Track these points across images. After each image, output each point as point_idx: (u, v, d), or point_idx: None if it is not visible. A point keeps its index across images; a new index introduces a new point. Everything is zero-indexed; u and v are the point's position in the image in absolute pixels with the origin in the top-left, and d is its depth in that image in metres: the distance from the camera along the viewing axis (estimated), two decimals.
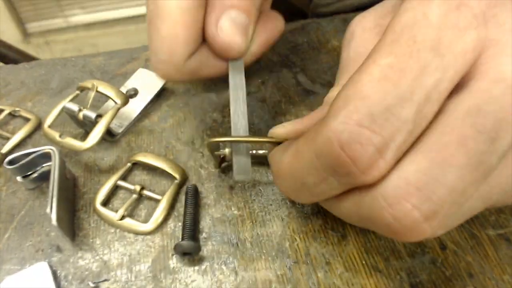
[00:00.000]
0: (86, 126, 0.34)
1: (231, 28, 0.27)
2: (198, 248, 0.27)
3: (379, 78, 0.18)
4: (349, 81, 0.19)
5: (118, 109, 0.33)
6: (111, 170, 0.33)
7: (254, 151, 0.32)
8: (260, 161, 0.33)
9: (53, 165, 0.30)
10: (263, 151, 0.32)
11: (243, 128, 0.27)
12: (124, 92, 0.35)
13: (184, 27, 0.26)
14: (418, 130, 0.18)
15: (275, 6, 0.32)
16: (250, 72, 0.40)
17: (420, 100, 0.18)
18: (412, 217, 0.18)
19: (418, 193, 0.18)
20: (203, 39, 0.28)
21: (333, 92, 0.27)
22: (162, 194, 0.31)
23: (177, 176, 0.32)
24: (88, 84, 0.34)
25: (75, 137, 0.33)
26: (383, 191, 0.19)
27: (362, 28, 0.27)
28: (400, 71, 0.18)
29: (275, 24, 0.31)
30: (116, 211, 0.30)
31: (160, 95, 0.38)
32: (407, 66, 0.18)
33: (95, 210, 0.31)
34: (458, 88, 0.19)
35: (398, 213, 0.18)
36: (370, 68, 0.19)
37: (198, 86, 0.39)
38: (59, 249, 0.29)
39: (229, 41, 0.27)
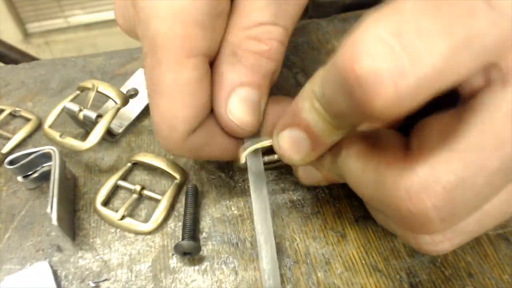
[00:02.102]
0: (86, 126, 0.34)
1: (241, 109, 0.25)
2: (198, 248, 0.28)
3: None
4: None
5: (118, 109, 0.33)
6: (111, 170, 0.33)
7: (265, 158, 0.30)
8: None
9: (54, 165, 0.30)
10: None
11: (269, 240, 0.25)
12: (124, 92, 0.35)
13: (182, 106, 0.23)
14: (445, 78, 0.16)
15: None
16: None
17: (460, 40, 0.16)
18: (429, 218, 0.18)
19: (444, 194, 0.17)
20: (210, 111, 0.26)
21: None
22: (162, 194, 0.31)
23: (177, 176, 0.32)
24: (88, 84, 0.34)
25: (75, 137, 0.33)
26: (408, 183, 0.18)
27: None
28: (447, 2, 0.16)
29: (286, 105, 0.28)
30: (117, 211, 0.30)
31: None
32: (456, 1, 0.16)
33: (96, 210, 0.31)
34: (502, 79, 0.17)
35: (415, 208, 0.18)
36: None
37: None
38: (59, 249, 0.29)
39: (240, 122, 0.25)
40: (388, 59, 0.15)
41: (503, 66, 0.17)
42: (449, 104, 0.20)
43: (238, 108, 0.25)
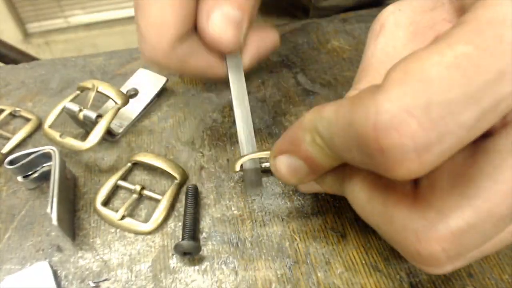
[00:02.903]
0: (86, 126, 0.34)
1: (222, 23, 0.26)
2: (198, 248, 0.28)
3: (451, 64, 0.15)
4: (413, 54, 0.16)
5: (118, 109, 0.33)
6: (111, 170, 0.33)
7: (261, 164, 0.31)
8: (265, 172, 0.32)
9: (54, 165, 0.30)
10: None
11: (251, 142, 0.27)
12: (124, 92, 0.35)
13: (173, 10, 0.25)
14: (467, 141, 0.16)
15: (278, 1, 0.32)
16: (250, 72, 0.40)
17: (486, 107, 0.15)
18: (437, 259, 0.18)
19: (453, 239, 0.17)
20: (195, 27, 0.27)
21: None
22: (162, 194, 0.31)
23: (177, 176, 0.32)
24: (88, 84, 0.34)
25: (75, 137, 0.33)
26: (417, 226, 0.18)
27: (395, 23, 0.24)
28: (476, 66, 0.15)
29: (268, 35, 0.30)
30: (117, 211, 0.30)
31: (160, 95, 0.38)
32: (486, 64, 0.15)
33: (96, 210, 0.31)
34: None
35: (424, 251, 0.18)
36: (443, 50, 0.15)
37: (198, 86, 0.39)
38: (59, 249, 0.29)
39: (220, 35, 0.26)
40: (416, 136, 0.15)
41: None
42: None
43: (220, 21, 0.26)
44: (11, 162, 0.31)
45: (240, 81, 0.28)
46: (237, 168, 0.28)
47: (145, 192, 0.31)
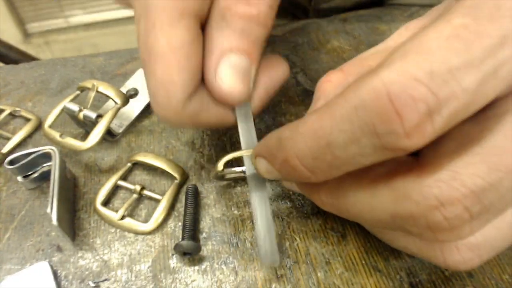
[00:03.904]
0: (86, 126, 0.34)
1: (231, 76, 0.24)
2: (198, 248, 0.28)
3: (449, 35, 0.16)
4: (410, 38, 0.17)
5: (118, 109, 0.33)
6: (111, 170, 0.33)
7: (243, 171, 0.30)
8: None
9: (54, 165, 0.30)
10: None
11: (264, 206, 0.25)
12: (124, 92, 0.35)
13: (178, 69, 0.23)
14: (472, 107, 0.17)
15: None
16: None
17: (488, 71, 0.16)
18: (461, 220, 0.18)
19: (473, 197, 0.17)
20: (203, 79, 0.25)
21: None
22: (162, 194, 0.31)
23: (177, 176, 0.32)
24: (88, 84, 0.34)
25: (75, 137, 0.33)
26: (436, 191, 0.18)
27: (406, 27, 0.25)
28: (475, 34, 0.16)
29: (277, 70, 0.28)
30: (117, 211, 0.30)
31: None
32: (485, 31, 0.16)
33: (96, 210, 0.31)
34: None
35: (449, 214, 0.18)
36: (440, 26, 0.16)
37: None
38: (59, 249, 0.29)
39: (230, 89, 0.25)
40: (427, 99, 0.16)
41: None
42: None
43: (227, 74, 0.24)
44: (11, 162, 0.31)
45: (250, 131, 0.27)
46: (220, 167, 0.27)
47: (145, 192, 0.31)
